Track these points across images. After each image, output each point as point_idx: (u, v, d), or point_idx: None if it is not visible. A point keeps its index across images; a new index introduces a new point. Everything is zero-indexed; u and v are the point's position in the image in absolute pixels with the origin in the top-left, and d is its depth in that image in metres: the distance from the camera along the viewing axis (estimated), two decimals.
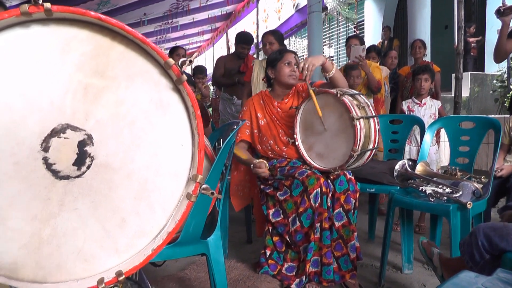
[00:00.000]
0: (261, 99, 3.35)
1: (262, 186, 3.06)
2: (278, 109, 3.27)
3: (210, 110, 7.90)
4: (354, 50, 4.59)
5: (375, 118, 2.89)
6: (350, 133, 2.78)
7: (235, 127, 2.43)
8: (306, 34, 8.00)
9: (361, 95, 3.01)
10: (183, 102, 1.48)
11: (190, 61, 1.42)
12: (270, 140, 3.25)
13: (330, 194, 2.83)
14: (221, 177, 2.20)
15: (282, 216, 2.91)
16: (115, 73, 1.40)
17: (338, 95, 2.80)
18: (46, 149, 1.33)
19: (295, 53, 3.32)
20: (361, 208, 4.85)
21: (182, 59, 1.41)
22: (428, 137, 3.47)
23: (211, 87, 9.02)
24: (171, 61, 1.39)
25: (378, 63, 5.37)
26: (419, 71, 4.16)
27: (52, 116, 1.34)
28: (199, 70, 5.76)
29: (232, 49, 6.36)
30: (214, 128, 4.75)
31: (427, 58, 7.41)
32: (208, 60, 17.01)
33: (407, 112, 4.24)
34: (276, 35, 4.51)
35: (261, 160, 3.02)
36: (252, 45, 5.80)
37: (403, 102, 4.33)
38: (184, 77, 1.42)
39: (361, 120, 2.77)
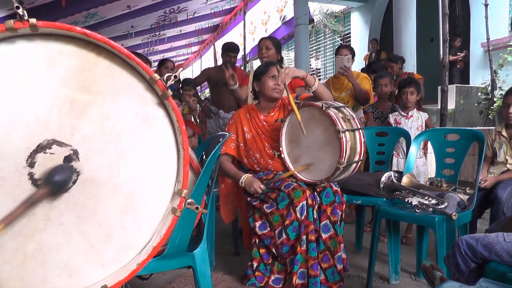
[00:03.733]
0: (247, 113, 3.37)
1: (248, 199, 3.06)
2: (264, 123, 3.29)
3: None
4: (339, 61, 4.60)
5: (360, 131, 2.92)
6: (336, 145, 2.81)
7: (221, 139, 2.44)
8: (293, 46, 8.04)
9: (347, 108, 3.04)
10: (168, 117, 1.49)
11: (175, 77, 1.43)
12: (256, 153, 3.26)
13: (316, 206, 2.85)
14: (207, 190, 2.21)
15: (268, 228, 2.92)
16: (101, 88, 1.41)
17: (324, 108, 2.83)
18: (31, 164, 1.33)
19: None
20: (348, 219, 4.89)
21: (167, 74, 1.43)
22: (413, 149, 3.50)
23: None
24: (156, 76, 1.41)
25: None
26: (405, 84, 4.19)
27: (38, 132, 1.34)
28: (186, 82, 5.77)
29: (220, 62, 6.37)
30: (201, 141, 4.74)
31: (413, 70, 7.49)
32: (195, 72, 17.02)
33: (394, 125, 4.26)
34: (273, 41, 4.42)
35: (249, 175, 3.05)
36: (238, 54, 5.80)
37: (390, 115, 4.36)
38: (169, 92, 1.44)
39: (347, 132, 2.80)
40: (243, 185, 3.03)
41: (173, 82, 1.46)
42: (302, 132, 2.90)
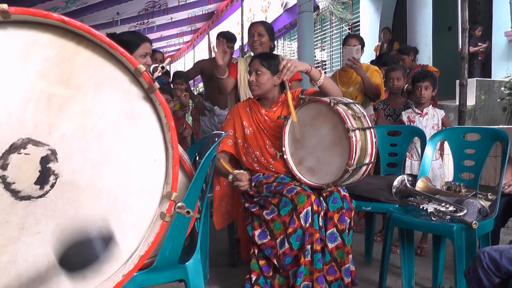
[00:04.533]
0: (248, 107, 3.38)
1: (246, 205, 3.06)
2: (266, 118, 3.29)
3: (190, 120, 7.89)
4: (347, 52, 4.60)
5: (372, 130, 2.92)
6: (345, 145, 2.80)
7: (216, 139, 2.44)
8: (296, 36, 8.04)
9: (357, 104, 3.04)
10: (155, 112, 1.50)
11: (163, 68, 1.43)
12: (256, 151, 3.27)
13: (322, 213, 2.85)
14: (201, 194, 2.20)
15: (269, 237, 2.91)
16: (81, 81, 1.41)
17: (332, 104, 2.82)
18: (4, 166, 1.33)
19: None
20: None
21: (153, 65, 1.43)
22: (429, 150, 3.50)
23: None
24: (141, 67, 1.41)
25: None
26: (419, 78, 4.18)
27: (11, 130, 1.34)
28: (178, 75, 5.77)
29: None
30: (194, 141, 4.74)
31: (429, 62, 7.47)
32: (188, 64, 17.03)
33: (407, 123, 4.26)
34: (266, 26, 4.35)
35: (242, 171, 3.05)
36: (235, 44, 5.78)
37: (403, 112, 4.35)
38: (156, 85, 1.44)
39: (357, 131, 2.80)
40: (230, 180, 3.04)
41: (160, 74, 1.46)
42: (292, 118, 2.97)
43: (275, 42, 4.51)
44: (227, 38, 5.49)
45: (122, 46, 3.07)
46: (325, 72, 4.15)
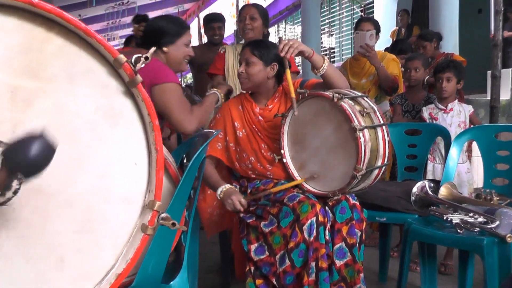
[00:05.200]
0: (240, 104, 3.36)
1: (241, 214, 3.05)
2: (260, 117, 3.28)
3: None
4: (359, 38, 4.59)
5: (383, 127, 2.91)
6: (352, 147, 2.79)
7: (207, 138, 2.44)
8: (300, 19, 8.05)
9: (366, 98, 3.02)
10: (137, 109, 1.51)
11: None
12: (251, 156, 3.26)
13: (328, 225, 2.85)
14: (188, 203, 2.21)
15: (267, 252, 2.90)
16: (52, 73, 1.42)
17: (335, 99, 2.78)
18: None
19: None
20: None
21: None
22: (454, 151, 3.51)
23: None
24: (122, 58, 1.42)
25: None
26: (440, 68, 4.19)
27: None
28: None
29: (205, 39, 6.34)
30: (181, 141, 4.73)
31: (456, 51, 7.47)
32: None
33: (429, 120, 4.26)
34: (260, 9, 4.33)
35: (231, 186, 3.05)
36: (230, 30, 5.78)
37: (424, 108, 4.35)
38: (139, 78, 1.44)
39: (366, 130, 2.78)
40: (220, 197, 3.02)
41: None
42: (293, 111, 2.95)
43: (277, 27, 4.50)
44: (212, 18, 5.49)
45: (158, 35, 3.09)
46: (333, 62, 4.15)
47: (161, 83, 2.88)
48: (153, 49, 1.63)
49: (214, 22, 5.49)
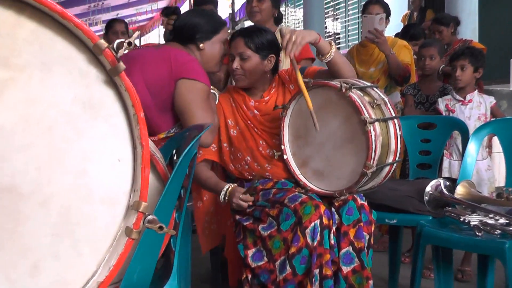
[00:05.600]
0: (231, 98, 3.35)
1: (237, 217, 3.05)
2: (255, 111, 3.26)
3: None
4: (367, 22, 4.58)
5: (395, 120, 2.92)
6: (361, 142, 2.80)
7: (198, 132, 2.43)
8: (301, 1, 8.04)
9: (375, 88, 3.03)
10: (120, 100, 1.50)
11: (130, 44, 1.44)
12: (246, 155, 3.24)
13: (334, 228, 2.85)
14: (178, 204, 2.21)
15: (266, 259, 2.90)
16: (25, 61, 1.41)
17: (343, 90, 2.78)
18: None
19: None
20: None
21: (118, 40, 1.43)
22: (473, 147, 3.51)
23: None
24: (102, 43, 1.41)
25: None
26: (455, 56, 4.18)
27: None
28: None
29: None
30: None
31: (475, 38, 7.45)
32: (163, 38, 16.99)
33: (446, 113, 4.25)
34: None
35: (234, 185, 3.02)
36: (223, 13, 5.78)
37: (440, 99, 4.34)
38: (122, 65, 1.44)
39: (376, 123, 2.79)
40: (225, 198, 2.99)
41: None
42: (314, 126, 2.88)
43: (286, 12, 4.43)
44: (201, 0, 5.48)
45: (194, 30, 3.09)
46: (338, 49, 4.13)
47: (191, 79, 2.86)
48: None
49: (205, 4, 5.48)
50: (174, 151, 3.11)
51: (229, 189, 3.00)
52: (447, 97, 4.30)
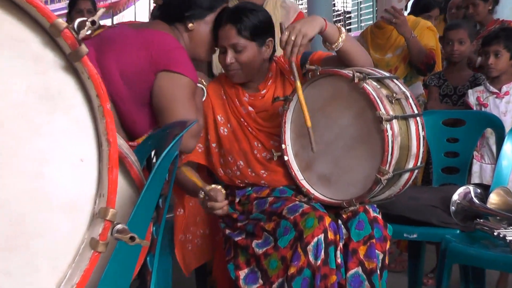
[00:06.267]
0: (222, 90, 3.33)
1: (227, 231, 3.05)
2: (250, 108, 3.25)
3: None
4: (384, 0, 4.59)
5: (418, 119, 2.92)
6: (376, 143, 2.80)
7: (179, 130, 2.44)
8: None
9: (395, 80, 3.02)
10: (82, 89, 1.50)
11: (94, 23, 1.43)
12: (239, 160, 3.22)
13: (341, 244, 2.86)
14: (156, 215, 2.22)
15: (261, 281, 2.90)
16: None
17: (356, 80, 2.76)
18: None
19: None
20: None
21: (79, 19, 1.43)
22: (509, 148, 3.51)
23: None
24: (60, 23, 1.39)
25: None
26: (488, 40, 4.17)
27: None
28: None
29: None
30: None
31: (505, 16, 7.44)
32: (140, 17, 16.93)
33: (477, 108, 4.25)
34: None
35: (216, 186, 2.99)
36: None
37: (470, 91, 4.33)
38: (84, 49, 1.42)
39: (395, 121, 2.77)
40: (203, 200, 2.92)
41: (90, 32, 1.47)
42: (310, 144, 2.86)
43: None
44: None
45: (184, 6, 3.04)
46: (349, 30, 4.13)
47: (175, 72, 2.82)
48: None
49: None
50: (152, 153, 3.13)
51: (208, 189, 2.92)
52: (478, 89, 4.28)
